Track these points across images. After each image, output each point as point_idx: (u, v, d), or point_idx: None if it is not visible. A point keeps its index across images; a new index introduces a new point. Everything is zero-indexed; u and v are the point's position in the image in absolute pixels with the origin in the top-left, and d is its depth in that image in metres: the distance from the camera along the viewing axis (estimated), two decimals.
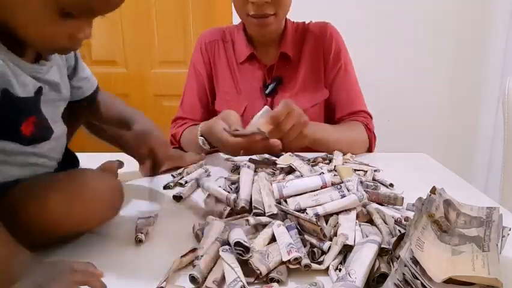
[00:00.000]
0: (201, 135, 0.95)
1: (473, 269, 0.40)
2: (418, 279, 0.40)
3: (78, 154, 0.74)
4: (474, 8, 1.80)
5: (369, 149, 1.06)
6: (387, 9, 1.80)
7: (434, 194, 0.53)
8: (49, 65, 0.60)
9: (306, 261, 0.48)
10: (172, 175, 0.84)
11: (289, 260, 0.48)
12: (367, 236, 0.54)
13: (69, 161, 0.68)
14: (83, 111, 0.76)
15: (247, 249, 0.48)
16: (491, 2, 1.80)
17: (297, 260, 0.48)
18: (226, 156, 0.97)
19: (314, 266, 0.49)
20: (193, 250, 0.52)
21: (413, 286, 0.41)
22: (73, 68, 0.70)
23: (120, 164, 0.84)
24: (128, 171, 0.85)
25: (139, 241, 0.57)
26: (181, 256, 0.50)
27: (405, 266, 0.42)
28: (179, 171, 0.86)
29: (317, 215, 0.57)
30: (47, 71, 0.59)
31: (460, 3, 1.80)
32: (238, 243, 0.48)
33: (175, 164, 0.88)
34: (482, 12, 1.81)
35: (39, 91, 0.57)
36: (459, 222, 0.50)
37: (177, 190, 0.76)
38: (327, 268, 0.49)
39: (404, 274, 0.42)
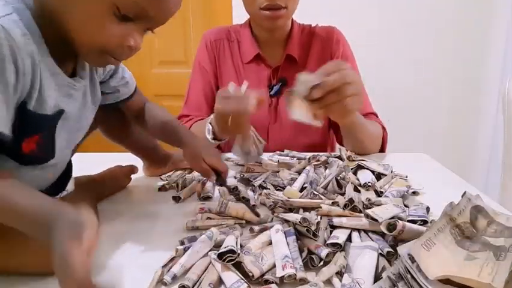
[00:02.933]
0: (210, 123, 0.85)
1: (478, 275, 0.40)
2: (410, 273, 0.41)
3: (80, 154, 0.74)
4: (474, 8, 1.80)
5: (382, 149, 1.04)
6: (387, 10, 1.80)
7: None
8: (82, 84, 0.59)
9: (301, 275, 0.47)
10: (160, 178, 0.85)
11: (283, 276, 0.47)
12: (359, 234, 0.55)
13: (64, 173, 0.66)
14: (108, 115, 0.75)
15: (233, 252, 0.48)
16: (491, 2, 1.80)
17: (292, 277, 0.47)
18: (227, 156, 0.97)
19: (310, 278, 0.47)
20: (173, 259, 0.51)
21: (405, 280, 0.42)
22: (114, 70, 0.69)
23: (133, 168, 0.82)
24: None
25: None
26: (162, 266, 0.50)
27: (401, 261, 0.43)
28: (169, 174, 0.86)
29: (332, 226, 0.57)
30: (79, 88, 0.58)
31: (460, 3, 1.80)
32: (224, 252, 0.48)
33: (178, 166, 0.88)
34: (482, 12, 1.81)
35: (60, 113, 0.55)
36: (489, 231, 0.49)
37: (173, 192, 0.77)
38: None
39: (399, 268, 0.43)
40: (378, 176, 0.79)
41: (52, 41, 0.51)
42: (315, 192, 0.69)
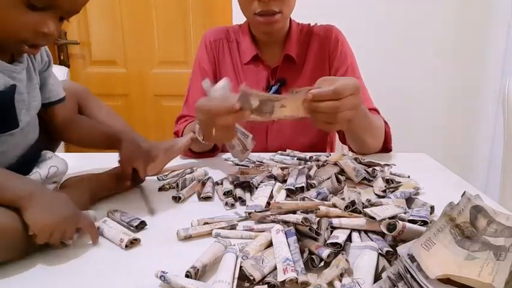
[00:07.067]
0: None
1: (478, 275, 0.40)
2: (410, 273, 0.41)
3: (80, 154, 0.74)
4: (474, 8, 1.80)
5: (386, 146, 1.01)
6: (387, 9, 1.80)
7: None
8: (22, 66, 0.64)
9: (302, 278, 0.46)
10: (157, 178, 0.84)
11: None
12: (359, 234, 0.55)
13: (31, 158, 0.70)
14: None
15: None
16: (491, 2, 1.80)
17: (293, 280, 0.46)
18: (226, 156, 0.97)
19: (311, 280, 0.47)
20: None
21: (405, 279, 0.42)
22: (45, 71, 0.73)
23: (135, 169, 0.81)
24: None
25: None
26: None
27: (400, 261, 0.43)
28: (166, 173, 0.86)
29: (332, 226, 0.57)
30: (20, 71, 0.63)
31: (459, 3, 1.80)
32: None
33: (169, 157, 0.88)
34: (482, 12, 1.81)
35: (12, 87, 0.60)
36: (489, 230, 0.49)
37: (173, 192, 0.77)
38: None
39: (398, 268, 0.43)
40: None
41: None
42: (307, 196, 0.68)
